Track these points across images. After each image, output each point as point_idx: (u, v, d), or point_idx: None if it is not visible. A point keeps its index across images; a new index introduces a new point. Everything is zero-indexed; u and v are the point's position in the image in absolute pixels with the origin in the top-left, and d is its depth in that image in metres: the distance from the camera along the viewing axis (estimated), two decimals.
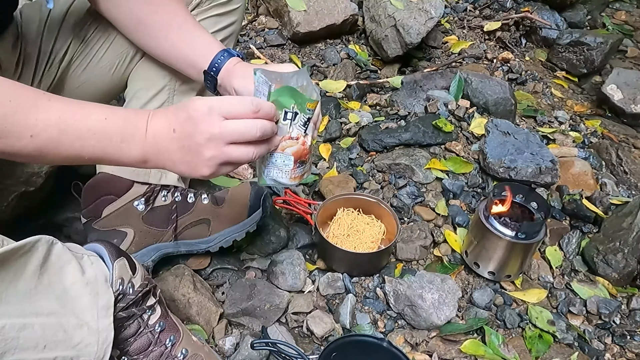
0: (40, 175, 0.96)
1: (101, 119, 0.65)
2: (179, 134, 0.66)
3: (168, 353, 0.76)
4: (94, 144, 0.64)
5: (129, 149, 0.66)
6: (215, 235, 1.03)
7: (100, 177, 0.97)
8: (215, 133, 0.65)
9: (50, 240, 0.62)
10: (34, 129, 0.61)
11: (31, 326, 0.57)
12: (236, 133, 0.66)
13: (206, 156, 0.66)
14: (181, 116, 0.67)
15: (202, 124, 0.65)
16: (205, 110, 0.65)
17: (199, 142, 0.66)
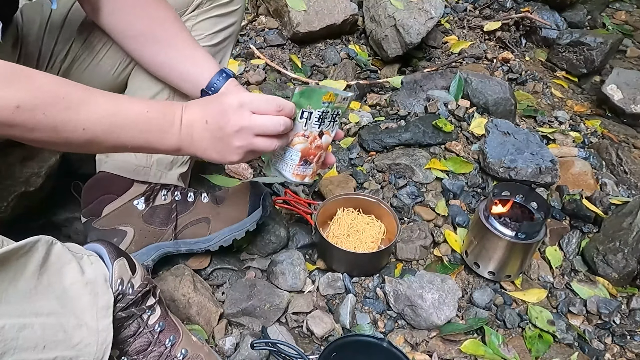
0: (40, 175, 0.96)
1: (143, 111, 0.72)
2: (211, 124, 0.75)
3: (167, 353, 0.76)
4: (137, 135, 0.72)
5: (167, 138, 0.74)
6: (215, 234, 1.03)
7: (100, 176, 0.97)
8: (245, 125, 0.74)
9: (50, 241, 0.63)
10: (85, 123, 0.67)
11: (31, 326, 0.57)
12: (263, 126, 0.75)
13: (235, 145, 0.75)
14: (214, 109, 0.75)
15: (233, 117, 0.74)
16: (236, 105, 0.74)
17: (229, 133, 0.74)
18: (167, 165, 1.00)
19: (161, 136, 0.74)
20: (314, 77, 1.77)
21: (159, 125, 0.73)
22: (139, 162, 0.97)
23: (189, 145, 0.76)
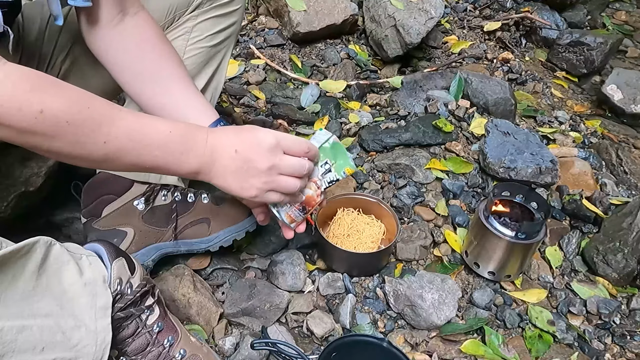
0: (40, 175, 0.96)
1: (166, 131, 0.71)
2: (240, 155, 0.75)
3: (166, 353, 0.76)
4: (157, 155, 0.71)
5: (187, 160, 0.73)
6: (215, 234, 1.03)
7: (101, 176, 0.97)
8: (276, 163, 0.76)
9: (49, 242, 0.62)
10: (107, 136, 0.66)
11: (29, 328, 0.57)
12: (292, 167, 0.78)
13: (260, 180, 0.76)
14: (247, 141, 0.76)
15: (267, 153, 0.76)
16: (273, 143, 0.76)
17: (259, 168, 0.76)
18: None
19: (181, 158, 0.73)
20: (314, 77, 1.77)
21: (181, 146, 0.73)
22: None
23: (208, 171, 0.76)
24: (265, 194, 0.79)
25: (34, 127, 0.61)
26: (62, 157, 0.68)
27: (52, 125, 0.62)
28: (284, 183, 0.79)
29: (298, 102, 1.62)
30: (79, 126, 0.64)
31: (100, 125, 0.66)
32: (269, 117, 1.53)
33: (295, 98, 1.64)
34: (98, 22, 0.83)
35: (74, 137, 0.64)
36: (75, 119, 0.63)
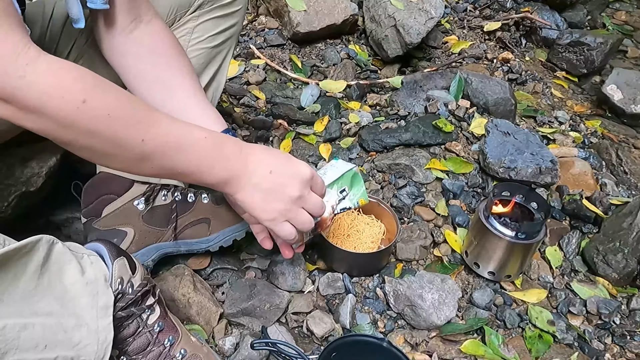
0: (40, 175, 0.96)
1: (201, 137, 0.72)
2: (274, 177, 0.76)
3: (167, 353, 0.77)
4: (191, 159, 0.71)
5: (218, 169, 0.73)
6: (215, 234, 1.03)
7: (101, 176, 0.97)
8: (304, 196, 0.78)
9: (51, 240, 0.63)
10: (146, 134, 0.66)
11: (31, 326, 0.58)
12: (315, 205, 0.80)
13: (285, 207, 0.77)
14: (284, 166, 0.77)
15: (300, 184, 0.77)
16: (309, 176, 0.79)
17: (289, 195, 0.77)
18: None
19: (213, 166, 0.73)
20: (314, 77, 1.77)
21: (215, 154, 0.73)
22: None
23: (236, 184, 0.75)
24: (281, 223, 0.79)
25: (75, 117, 0.60)
26: (97, 156, 0.67)
27: (93, 117, 0.62)
28: (301, 218, 0.79)
29: (298, 102, 1.62)
30: (119, 120, 0.64)
31: (139, 123, 0.66)
32: (269, 117, 1.53)
33: (295, 98, 1.64)
34: (112, 27, 0.83)
35: (113, 133, 0.64)
36: (116, 112, 0.63)
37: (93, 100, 0.61)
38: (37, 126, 0.61)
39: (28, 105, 0.59)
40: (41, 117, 0.60)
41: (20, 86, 0.58)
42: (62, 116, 0.60)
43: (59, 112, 0.60)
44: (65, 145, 0.65)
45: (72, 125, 0.61)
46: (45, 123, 0.60)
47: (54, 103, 0.59)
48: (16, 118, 0.60)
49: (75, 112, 0.60)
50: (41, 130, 0.62)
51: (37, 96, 0.59)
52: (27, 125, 0.61)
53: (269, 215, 0.78)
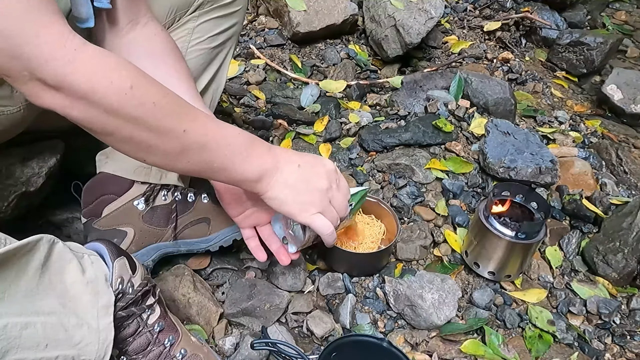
0: (40, 175, 0.96)
1: (235, 133, 0.73)
2: (303, 171, 0.78)
3: (167, 353, 0.77)
4: (226, 154, 0.72)
5: (252, 164, 0.74)
6: (215, 234, 1.03)
7: (101, 176, 0.97)
8: (332, 189, 0.81)
9: (52, 239, 0.63)
10: (187, 126, 0.67)
11: (33, 325, 0.58)
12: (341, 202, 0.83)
13: (317, 199, 0.79)
14: (310, 160, 0.80)
15: (327, 175, 0.80)
16: (334, 169, 0.82)
17: (319, 187, 0.79)
18: None
19: (247, 161, 0.74)
20: (314, 77, 1.77)
21: (248, 150, 0.74)
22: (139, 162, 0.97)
23: (269, 180, 0.76)
24: (315, 215, 0.80)
25: (123, 104, 0.61)
26: (138, 149, 0.67)
27: (140, 104, 0.62)
28: (331, 211, 0.81)
29: (298, 102, 1.62)
30: (164, 109, 0.64)
31: (182, 113, 0.67)
32: (268, 117, 1.53)
33: (295, 98, 1.64)
34: (109, 28, 0.83)
35: (157, 121, 0.64)
36: (161, 101, 0.64)
37: (140, 87, 0.62)
38: (84, 114, 0.61)
39: (78, 91, 0.59)
40: (89, 104, 0.60)
41: (71, 71, 0.58)
42: (110, 102, 0.60)
43: (108, 97, 0.60)
44: (108, 136, 0.65)
45: (118, 112, 0.61)
46: (93, 111, 0.60)
47: (103, 88, 0.59)
48: (64, 107, 0.60)
49: (123, 98, 0.61)
50: (87, 120, 0.62)
51: (86, 80, 0.59)
52: (74, 114, 0.61)
53: (301, 208, 0.79)
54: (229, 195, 0.90)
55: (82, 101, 0.60)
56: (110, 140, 0.66)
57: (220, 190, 0.91)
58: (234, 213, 0.93)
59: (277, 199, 0.78)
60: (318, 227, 0.81)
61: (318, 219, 0.80)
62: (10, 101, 0.77)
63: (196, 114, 0.70)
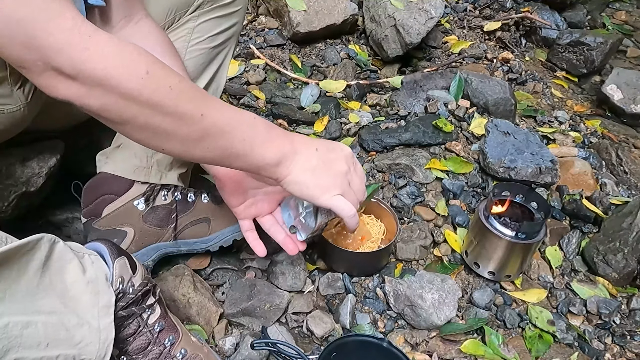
0: (41, 175, 0.96)
1: (251, 117, 0.72)
2: (321, 154, 0.77)
3: (167, 353, 0.77)
4: (245, 139, 0.70)
5: (271, 148, 0.73)
6: (215, 234, 1.03)
7: (101, 176, 0.97)
8: (351, 172, 0.80)
9: (53, 239, 0.63)
10: (205, 109, 0.66)
11: (34, 324, 0.58)
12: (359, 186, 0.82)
13: (334, 180, 0.78)
14: (326, 144, 0.80)
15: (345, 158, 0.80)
16: (351, 153, 0.82)
17: (338, 169, 0.78)
18: (167, 166, 1.00)
19: (265, 145, 0.72)
20: (314, 77, 1.77)
21: (265, 133, 0.73)
22: (140, 162, 0.97)
23: (289, 163, 0.75)
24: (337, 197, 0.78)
25: (140, 89, 0.60)
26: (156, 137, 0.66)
27: (156, 89, 0.61)
28: (351, 194, 0.80)
29: (298, 102, 1.62)
30: (181, 93, 0.64)
31: (198, 97, 0.66)
32: (269, 117, 1.53)
33: (295, 98, 1.64)
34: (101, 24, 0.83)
35: (175, 106, 0.63)
36: (177, 86, 0.63)
37: (155, 72, 0.61)
38: (100, 102, 0.60)
39: (94, 78, 0.58)
40: (106, 91, 0.59)
41: (86, 58, 0.57)
42: (127, 88, 0.60)
43: (124, 83, 0.59)
44: (125, 125, 0.64)
45: (135, 98, 0.60)
46: (109, 98, 0.60)
47: (119, 74, 0.59)
48: (80, 96, 0.60)
49: (140, 83, 0.60)
50: (104, 108, 0.61)
51: (102, 67, 0.58)
52: (90, 103, 0.60)
53: (323, 191, 0.77)
54: (231, 184, 0.90)
55: (99, 88, 0.59)
56: (127, 129, 0.65)
57: (222, 179, 0.90)
58: (235, 203, 0.92)
59: (297, 183, 0.76)
60: (341, 208, 0.79)
61: (340, 201, 0.79)
62: (10, 99, 0.77)
63: (212, 99, 0.69)
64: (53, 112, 0.93)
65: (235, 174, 0.89)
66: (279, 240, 0.94)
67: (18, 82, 0.78)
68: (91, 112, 0.62)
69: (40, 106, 0.86)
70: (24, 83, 0.79)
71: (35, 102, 0.83)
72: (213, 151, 0.70)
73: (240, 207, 0.92)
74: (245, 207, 0.92)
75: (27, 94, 0.80)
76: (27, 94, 0.80)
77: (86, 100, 0.60)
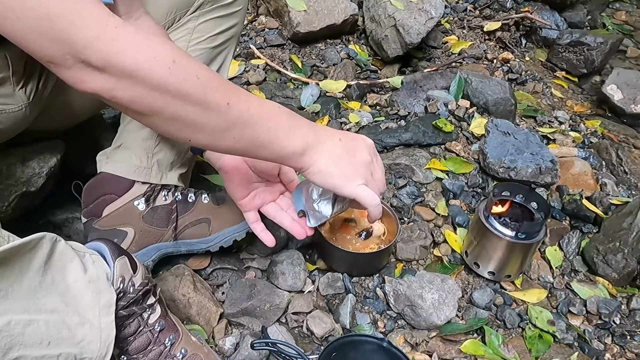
0: (41, 175, 0.96)
1: (275, 106, 0.73)
2: (345, 143, 0.77)
3: (167, 352, 0.77)
4: (270, 127, 0.70)
5: (295, 137, 0.73)
6: (215, 234, 1.03)
7: (101, 176, 0.97)
8: (374, 162, 0.81)
9: (54, 238, 0.63)
10: (231, 98, 0.66)
11: (36, 322, 0.58)
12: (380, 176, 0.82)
13: (358, 170, 0.78)
14: (349, 135, 0.80)
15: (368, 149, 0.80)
16: (372, 144, 0.82)
17: (362, 159, 0.78)
18: (168, 166, 1.00)
19: (290, 133, 0.72)
20: (314, 77, 1.77)
21: (289, 122, 0.73)
22: (140, 162, 0.97)
23: (313, 152, 0.74)
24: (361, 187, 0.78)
25: (168, 78, 0.60)
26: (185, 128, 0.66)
27: (184, 79, 0.62)
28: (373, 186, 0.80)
29: (298, 102, 1.63)
30: (207, 82, 0.64)
31: (223, 86, 0.66)
32: None
33: (295, 98, 1.64)
34: None
35: (203, 95, 0.63)
36: (203, 75, 0.64)
37: (182, 62, 0.62)
38: (130, 94, 0.60)
39: (123, 70, 0.58)
40: (135, 83, 0.59)
41: (116, 50, 0.57)
42: (156, 78, 0.60)
43: (153, 73, 0.60)
44: (154, 116, 0.64)
45: (164, 88, 0.61)
46: (139, 89, 0.60)
47: (147, 64, 0.59)
48: (109, 89, 0.60)
49: (167, 73, 0.60)
50: (133, 100, 0.61)
51: (131, 57, 0.58)
52: (119, 95, 0.60)
53: (347, 180, 0.77)
54: (238, 176, 0.90)
55: (127, 80, 0.59)
56: (156, 120, 0.65)
57: (229, 171, 0.90)
58: (240, 196, 0.92)
59: (322, 172, 0.76)
60: (365, 198, 0.79)
61: (365, 190, 0.79)
62: (12, 99, 0.77)
63: (237, 88, 0.69)
64: (54, 112, 0.93)
65: (242, 166, 0.89)
66: (286, 226, 0.94)
67: (20, 82, 0.78)
68: (120, 105, 0.62)
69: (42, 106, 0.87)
70: (26, 83, 0.80)
71: (36, 103, 0.83)
72: (240, 141, 0.69)
73: (246, 199, 0.92)
74: (250, 199, 0.93)
75: (29, 94, 0.80)
76: (28, 94, 0.80)
77: (115, 93, 0.60)
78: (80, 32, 0.56)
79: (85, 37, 0.56)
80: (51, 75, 0.90)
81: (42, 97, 0.86)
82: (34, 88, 0.81)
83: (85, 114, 1.05)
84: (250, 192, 0.93)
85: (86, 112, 1.05)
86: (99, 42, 0.57)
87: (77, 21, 0.56)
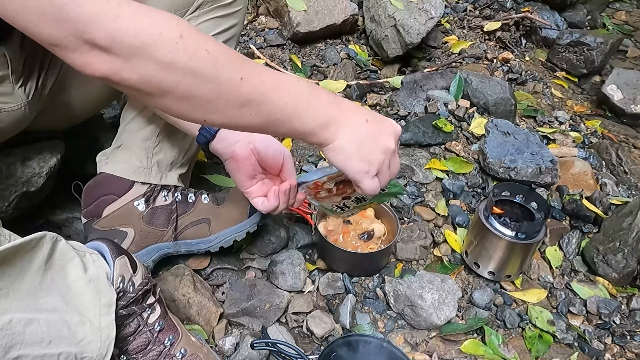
0: (41, 175, 0.96)
1: (294, 80, 0.68)
2: (371, 125, 0.72)
3: (167, 352, 0.77)
4: (288, 102, 0.66)
5: (316, 111, 0.68)
6: (215, 235, 1.03)
7: (101, 177, 0.97)
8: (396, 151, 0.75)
9: (55, 237, 0.63)
10: (244, 72, 0.62)
11: (36, 321, 0.58)
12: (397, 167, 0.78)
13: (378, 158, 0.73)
14: (378, 117, 0.75)
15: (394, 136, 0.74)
16: (399, 131, 0.76)
17: (386, 146, 0.73)
18: (167, 166, 1.00)
19: (310, 107, 0.68)
20: (314, 77, 1.77)
21: (310, 96, 0.68)
22: (140, 163, 0.97)
23: (335, 128, 0.69)
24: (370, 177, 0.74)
25: (176, 54, 0.57)
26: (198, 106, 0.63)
27: (193, 53, 0.59)
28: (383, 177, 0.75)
29: None
30: (218, 56, 0.61)
31: (235, 59, 0.63)
32: None
33: None
34: None
35: (214, 70, 0.60)
36: (213, 49, 0.60)
37: (190, 36, 0.59)
38: (138, 74, 0.58)
39: (128, 47, 0.56)
40: (142, 61, 0.57)
41: (119, 27, 0.55)
42: (163, 54, 0.57)
43: (160, 49, 0.57)
44: (165, 97, 0.61)
45: (173, 64, 0.58)
46: (147, 67, 0.57)
47: (154, 40, 0.56)
48: (117, 71, 0.57)
49: (175, 48, 0.57)
50: (142, 80, 0.58)
51: (135, 34, 0.56)
52: (128, 76, 0.58)
53: (363, 166, 0.72)
54: (247, 165, 0.88)
55: (134, 59, 0.57)
56: (167, 101, 0.62)
57: (239, 160, 0.88)
58: (247, 184, 0.90)
59: (342, 151, 0.71)
60: (368, 188, 0.75)
61: (372, 182, 0.74)
62: (11, 98, 0.77)
63: (250, 62, 0.65)
64: (53, 112, 0.93)
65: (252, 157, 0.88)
66: None
67: (19, 80, 0.78)
68: (130, 87, 0.60)
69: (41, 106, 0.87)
70: (25, 82, 0.80)
71: (36, 102, 0.83)
72: (257, 118, 0.66)
73: (254, 187, 0.90)
74: (257, 187, 0.91)
75: (28, 92, 0.81)
76: (28, 93, 0.80)
77: (123, 74, 0.58)
78: (82, 9, 0.54)
79: (86, 15, 0.54)
80: (50, 75, 0.90)
81: (42, 96, 0.86)
82: (33, 87, 0.81)
83: (85, 114, 1.05)
84: (257, 182, 0.91)
85: (86, 112, 1.05)
86: (102, 19, 0.55)
87: None
